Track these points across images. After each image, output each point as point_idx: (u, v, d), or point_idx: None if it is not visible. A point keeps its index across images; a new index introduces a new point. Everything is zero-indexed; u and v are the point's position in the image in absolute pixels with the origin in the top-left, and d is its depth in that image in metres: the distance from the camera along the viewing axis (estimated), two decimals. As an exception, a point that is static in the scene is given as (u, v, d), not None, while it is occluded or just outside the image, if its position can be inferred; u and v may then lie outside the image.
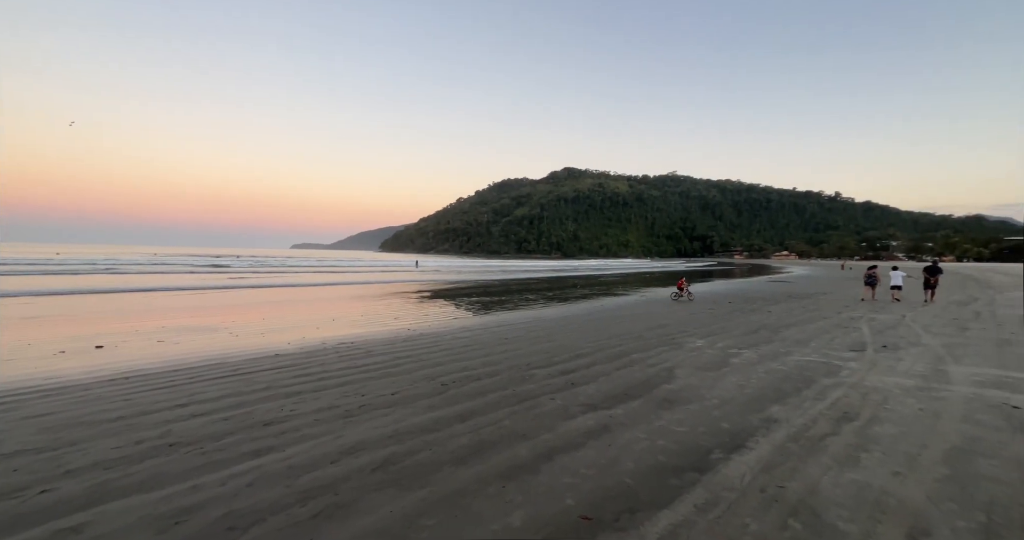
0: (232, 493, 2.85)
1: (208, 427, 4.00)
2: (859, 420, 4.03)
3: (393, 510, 2.64)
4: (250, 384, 5.42)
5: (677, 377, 5.57)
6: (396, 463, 3.25)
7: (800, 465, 3.14)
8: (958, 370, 5.80)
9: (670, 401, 4.62)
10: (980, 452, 3.34)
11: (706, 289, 22.88)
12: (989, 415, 4.13)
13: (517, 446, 3.52)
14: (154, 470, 3.17)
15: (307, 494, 2.83)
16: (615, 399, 4.70)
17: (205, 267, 38.51)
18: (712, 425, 3.93)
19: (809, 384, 5.21)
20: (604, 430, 3.84)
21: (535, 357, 6.79)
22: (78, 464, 3.27)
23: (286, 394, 4.99)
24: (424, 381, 5.48)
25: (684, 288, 16.10)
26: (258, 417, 4.26)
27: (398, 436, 3.75)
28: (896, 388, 5.02)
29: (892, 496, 2.73)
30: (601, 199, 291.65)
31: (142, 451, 3.49)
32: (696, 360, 6.51)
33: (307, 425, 4.03)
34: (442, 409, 4.43)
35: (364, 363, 6.49)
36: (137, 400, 4.81)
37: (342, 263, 57.60)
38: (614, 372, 5.85)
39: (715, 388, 5.07)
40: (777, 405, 4.47)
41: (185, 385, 5.42)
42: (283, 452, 3.46)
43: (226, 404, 4.66)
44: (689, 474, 3.03)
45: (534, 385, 5.26)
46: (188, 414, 4.35)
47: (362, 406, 4.55)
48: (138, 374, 6.00)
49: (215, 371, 6.11)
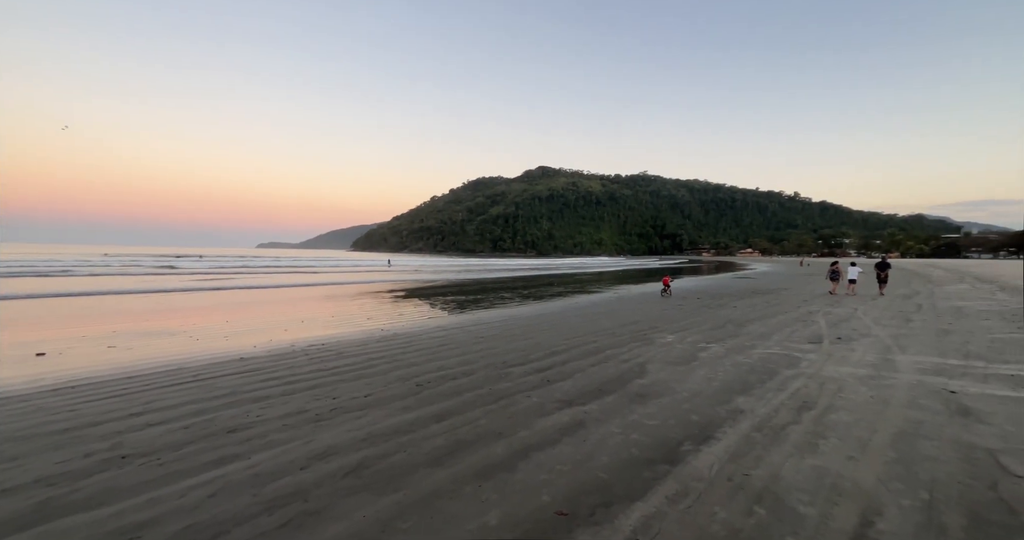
0: (193, 505, 2.70)
1: (165, 436, 3.78)
2: (817, 409, 4.26)
3: (366, 515, 2.58)
4: (212, 390, 5.16)
5: (649, 372, 5.71)
6: (369, 467, 3.18)
7: (764, 453, 3.29)
8: (903, 359, 6.23)
9: (643, 395, 4.73)
10: (923, 435, 3.60)
11: (676, 286, 23.59)
12: (930, 400, 4.46)
13: (493, 445, 3.52)
14: (104, 484, 2.96)
15: (275, 502, 2.72)
16: (590, 395, 4.77)
17: (162, 267, 36.36)
18: (682, 418, 4.06)
19: (772, 376, 5.46)
20: (579, 426, 3.89)
21: (511, 355, 6.80)
22: (17, 482, 3.01)
23: (252, 399, 4.78)
24: (398, 382, 5.38)
25: (669, 285, 17.38)
26: (221, 424, 4.06)
27: (371, 439, 3.66)
28: (850, 377, 5.35)
29: (847, 479, 2.90)
30: (575, 198, 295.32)
31: (90, 465, 3.26)
32: (667, 355, 6.70)
33: (275, 431, 3.87)
34: (417, 410, 4.36)
35: (336, 365, 6.31)
36: (85, 411, 4.48)
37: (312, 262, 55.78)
38: (589, 368, 5.94)
39: (685, 382, 5.24)
40: (743, 396, 4.66)
41: (140, 393, 5.10)
42: (248, 460, 3.31)
43: (186, 412, 4.41)
44: (661, 466, 3.11)
45: (510, 383, 5.27)
46: (143, 423, 4.10)
47: (333, 409, 4.42)
48: (86, 383, 5.59)
49: (173, 377, 5.78)
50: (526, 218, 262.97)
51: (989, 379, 5.16)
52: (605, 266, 64.84)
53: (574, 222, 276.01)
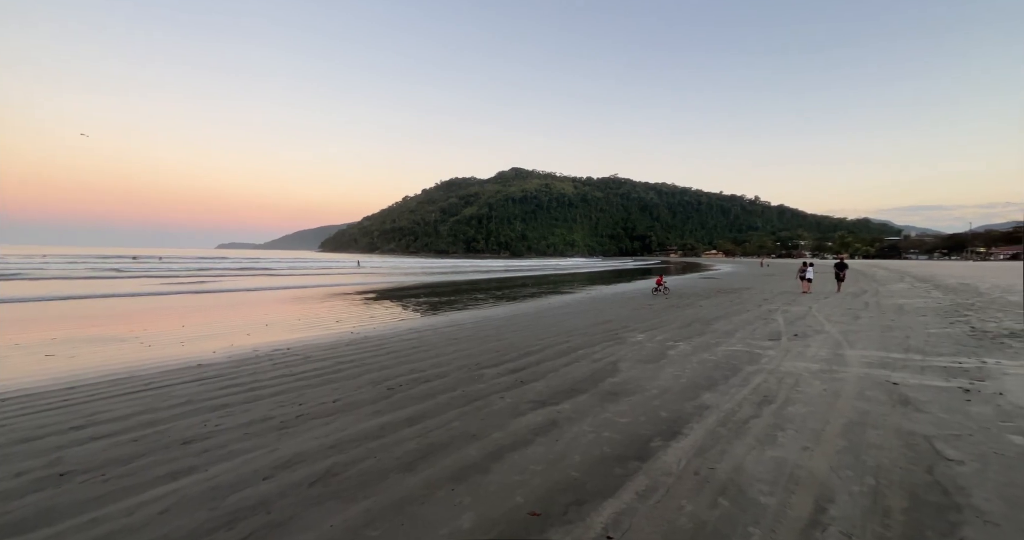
0: (141, 523, 2.52)
1: (111, 450, 3.52)
2: (776, 402, 4.47)
3: (334, 524, 2.49)
4: (166, 399, 4.85)
5: (620, 370, 5.83)
6: (338, 474, 3.07)
7: (728, 447, 3.42)
8: (852, 353, 6.66)
9: (614, 394, 4.82)
10: (869, 424, 3.86)
11: (646, 286, 24.25)
12: (876, 391, 4.78)
13: (467, 447, 3.48)
14: (40, 505, 2.72)
15: (235, 516, 2.58)
16: (562, 394, 4.82)
17: (109, 270, 33.89)
18: (652, 414, 4.16)
19: (735, 372, 5.70)
20: (552, 425, 3.92)
21: (485, 356, 6.77)
22: (-65, 507, 2.72)
23: (210, 408, 4.53)
24: (369, 386, 5.24)
25: (663, 284, 17.97)
26: (175, 435, 3.82)
27: (340, 446, 3.54)
28: (805, 372, 5.66)
29: (803, 469, 3.06)
30: (548, 199, 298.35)
31: (24, 484, 2.98)
32: (637, 353, 6.87)
33: (235, 440, 3.68)
34: (388, 414, 4.26)
35: (302, 370, 6.08)
36: (17, 425, 4.11)
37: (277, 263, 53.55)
38: (562, 368, 6.00)
39: (655, 379, 5.38)
40: (708, 392, 4.84)
41: (82, 404, 4.72)
42: (206, 472, 3.13)
43: (135, 423, 4.13)
44: (632, 463, 3.18)
45: (484, 385, 5.24)
46: (86, 437, 3.80)
47: (299, 416, 4.25)
48: (19, 394, 5.13)
49: (122, 386, 5.40)
50: (500, 219, 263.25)
51: (926, 371, 5.59)
52: (578, 267, 65.84)
53: (547, 223, 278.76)
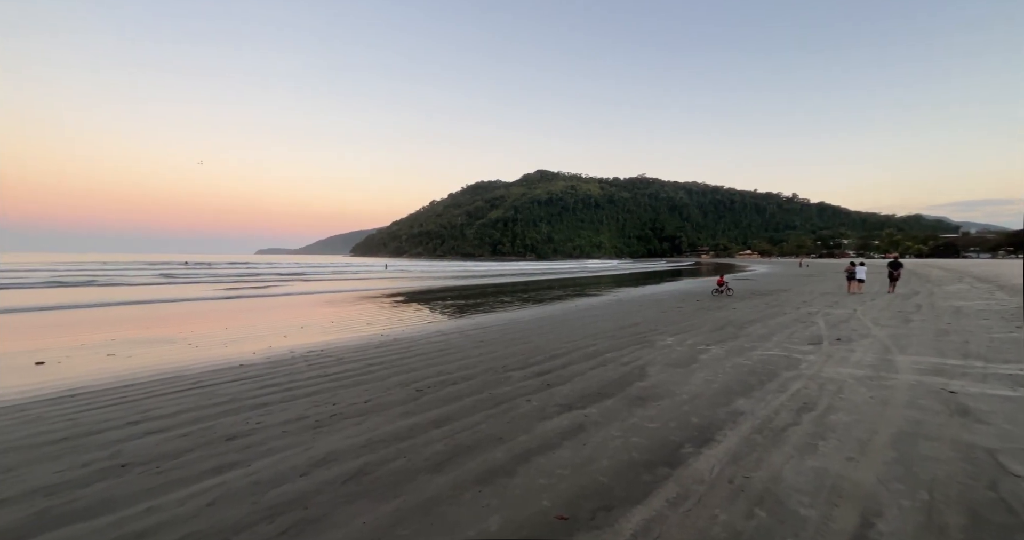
0: (192, 513, 2.69)
1: (164, 445, 3.77)
2: (817, 410, 4.25)
3: (366, 522, 2.57)
4: (212, 397, 5.15)
5: (649, 375, 5.71)
6: (369, 473, 3.17)
7: (764, 455, 3.29)
8: (903, 359, 6.23)
9: (643, 398, 4.73)
10: (922, 435, 3.60)
11: (674, 288, 23.61)
12: (930, 400, 4.46)
13: (493, 449, 3.51)
14: (103, 494, 2.95)
15: (275, 510, 2.71)
16: (589, 398, 4.77)
17: (161, 276, 36.32)
18: (682, 420, 4.05)
19: (772, 377, 5.46)
20: (579, 429, 3.89)
21: (511, 359, 6.80)
22: (14, 492, 3.00)
23: (251, 406, 4.77)
24: (398, 387, 5.37)
25: (724, 284, 17.65)
26: (221, 431, 4.05)
27: (371, 445, 3.65)
28: (849, 378, 5.35)
29: (847, 480, 2.90)
30: (574, 201, 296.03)
31: (89, 474, 3.25)
32: (667, 357, 6.70)
33: (274, 438, 3.87)
34: (417, 415, 4.36)
35: (335, 371, 6.30)
36: (83, 419, 4.47)
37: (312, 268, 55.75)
38: (588, 372, 5.93)
39: (685, 384, 5.24)
40: (743, 398, 4.66)
41: (139, 401, 5.09)
42: (248, 467, 3.30)
43: (185, 419, 4.40)
44: (661, 469, 3.11)
45: (510, 387, 5.26)
46: (142, 432, 4.09)
47: (333, 416, 4.41)
48: (85, 391, 5.58)
49: (172, 385, 5.77)
50: (525, 222, 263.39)
51: (988, 379, 5.16)
52: (604, 269, 64.92)
53: (573, 225, 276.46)
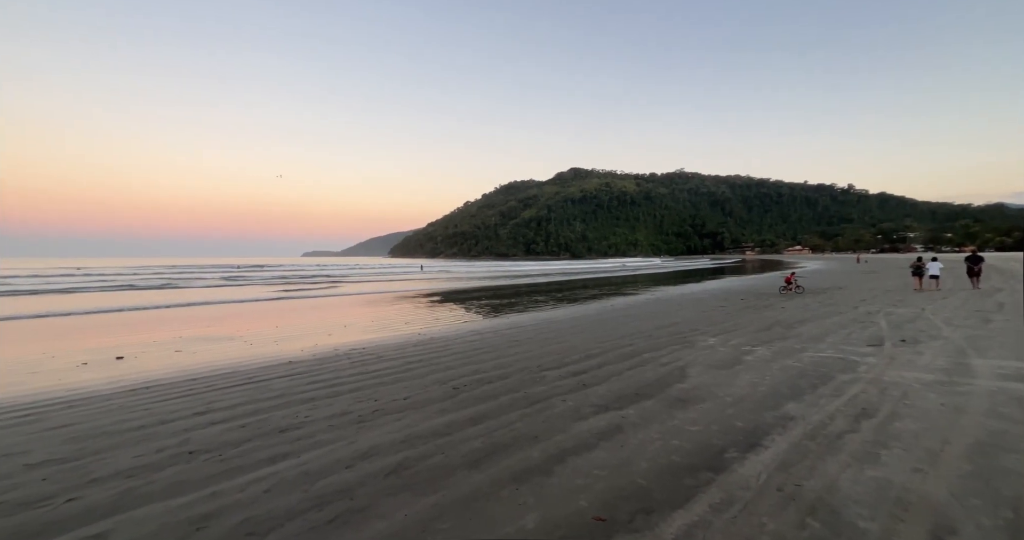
0: (250, 499, 2.90)
1: (226, 434, 4.08)
2: (878, 416, 3.94)
3: (408, 514, 2.66)
4: (265, 391, 5.51)
5: (689, 376, 5.52)
6: (409, 467, 3.28)
7: (818, 463, 3.09)
8: (981, 363, 5.64)
9: (683, 400, 4.57)
10: (1005, 447, 3.25)
11: (716, 286, 22.61)
12: (1014, 408, 4.01)
13: (529, 448, 3.52)
14: (175, 478, 3.24)
15: (323, 499, 2.86)
16: (627, 399, 4.68)
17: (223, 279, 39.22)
18: (726, 424, 3.89)
19: (825, 381, 5.12)
20: (616, 430, 3.83)
21: (546, 359, 6.79)
22: (102, 473, 3.36)
23: (300, 401, 5.06)
24: (435, 385, 5.51)
25: (793, 281, 16.75)
26: (274, 424, 4.32)
27: (411, 441, 3.77)
28: (916, 383, 4.91)
29: (914, 493, 2.67)
30: (608, 198, 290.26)
31: (163, 459, 3.57)
32: (708, 358, 6.44)
33: (321, 431, 4.08)
34: (454, 413, 4.45)
35: (376, 368, 6.55)
36: (157, 409, 4.92)
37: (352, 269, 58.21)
38: (625, 372, 5.82)
39: (729, 386, 5.01)
40: (793, 402, 4.40)
41: (203, 393, 5.53)
42: (299, 458, 3.51)
43: (242, 411, 4.74)
44: (704, 473, 3.00)
45: (545, 387, 5.26)
46: (206, 422, 4.44)
47: (375, 411, 4.59)
48: (157, 384, 6.14)
49: (231, 379, 6.23)
50: (559, 220, 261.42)
51: (1088, 386, 4.57)
52: (641, 268, 63.25)
53: (608, 223, 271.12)
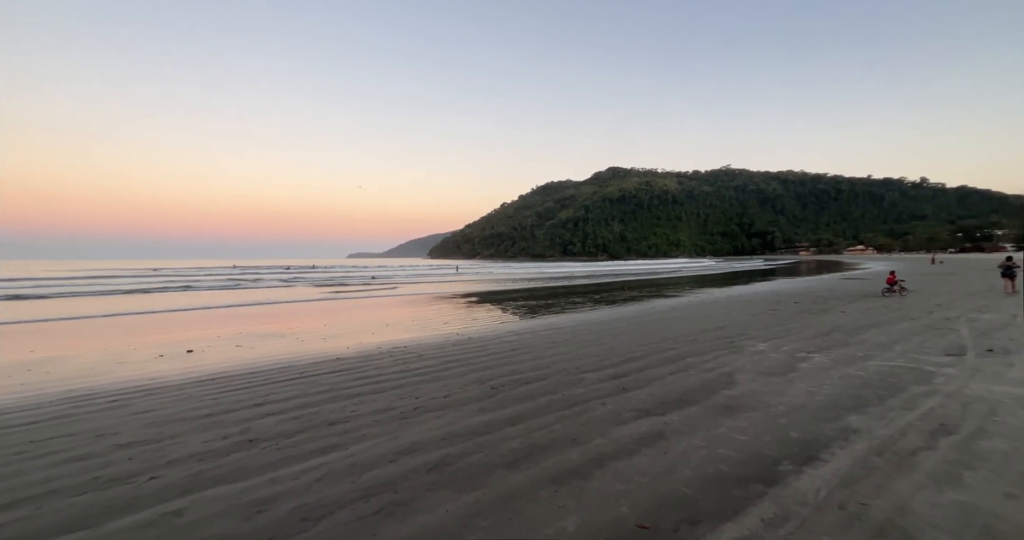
0: (304, 487, 3.08)
1: (281, 425, 4.36)
2: (960, 433, 3.55)
3: (449, 510, 2.72)
4: (315, 386, 5.83)
5: (737, 382, 5.24)
6: (450, 464, 3.35)
7: (887, 481, 2.83)
8: (1089, 377, 4.93)
9: (730, 408, 4.35)
10: (1123, 474, 2.82)
11: (766, 289, 21.32)
12: None
13: (568, 451, 3.49)
14: (238, 463, 3.51)
15: (369, 491, 2.99)
16: (670, 405, 4.52)
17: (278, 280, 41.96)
18: (779, 434, 3.65)
19: (895, 392, 4.68)
20: (659, 436, 3.71)
21: (584, 361, 6.69)
22: (177, 455, 3.70)
23: (347, 396, 5.31)
24: (474, 384, 5.59)
25: (896, 281, 15.49)
26: (323, 417, 4.57)
27: (451, 438, 3.85)
28: (1007, 398, 4.37)
29: (1007, 521, 2.38)
30: (648, 198, 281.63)
31: (227, 446, 3.88)
32: (758, 364, 6.09)
33: (367, 425, 4.26)
34: (492, 412, 4.50)
35: (417, 367, 6.75)
36: (222, 399, 5.35)
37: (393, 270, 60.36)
38: (668, 377, 5.62)
39: (781, 395, 4.71)
40: (856, 414, 4.06)
41: (260, 386, 5.94)
42: (347, 450, 3.68)
43: (295, 404, 5.05)
44: (754, 486, 2.84)
45: (584, 389, 5.19)
46: (264, 413, 4.77)
47: (416, 408, 4.73)
48: (222, 376, 6.66)
49: (285, 374, 6.64)
50: (596, 221, 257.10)
51: None
52: (684, 269, 60.89)
53: (648, 223, 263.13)
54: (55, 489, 3.17)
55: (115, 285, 30.80)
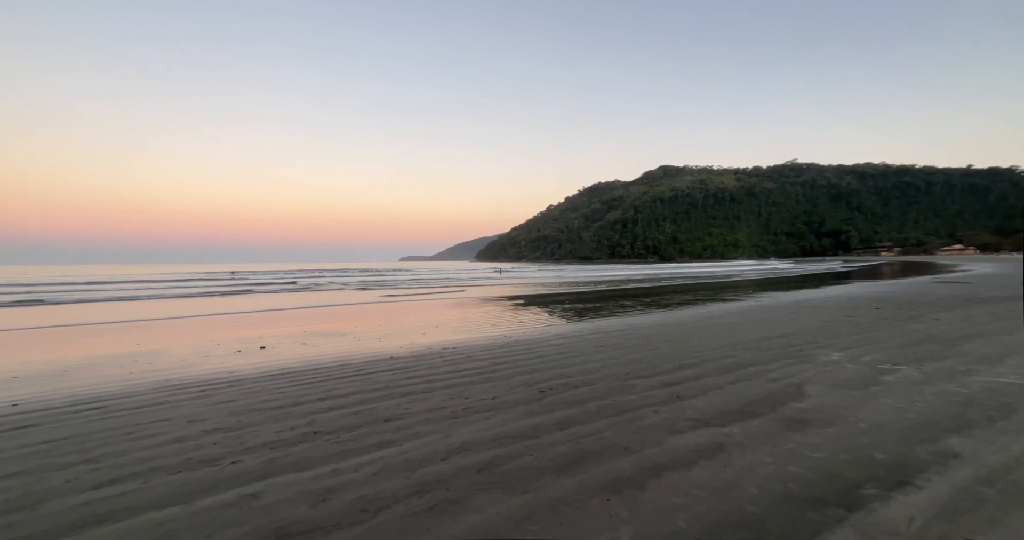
0: (363, 479, 3.24)
1: (341, 419, 4.63)
2: (1096, 465, 3.00)
3: (499, 511, 2.74)
4: (371, 383, 6.13)
5: (808, 395, 4.80)
6: (499, 466, 3.37)
7: (1000, 516, 2.45)
8: None
9: (800, 422, 3.99)
10: None
11: (840, 293, 19.39)
12: None
13: (620, 459, 3.39)
14: (304, 453, 3.77)
15: (423, 487, 3.09)
16: (730, 416, 4.23)
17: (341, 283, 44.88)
18: (860, 453, 3.29)
19: (1007, 413, 4.05)
20: (718, 449, 3.48)
21: (635, 366, 6.47)
22: (253, 443, 4.05)
23: (401, 394, 5.53)
24: (522, 387, 5.60)
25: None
26: (380, 413, 4.79)
27: (500, 440, 3.88)
28: None
29: None
30: (703, 196, 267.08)
31: (295, 436, 4.19)
32: (833, 376, 5.54)
33: (419, 423, 4.41)
34: (541, 416, 4.47)
35: (465, 367, 6.88)
36: (289, 393, 5.79)
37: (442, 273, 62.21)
38: (727, 386, 5.28)
39: (861, 410, 4.25)
40: (957, 436, 3.56)
41: (322, 382, 6.36)
42: (401, 446, 3.83)
43: (354, 400, 5.34)
44: (832, 509, 2.58)
45: (635, 396, 5.01)
46: (326, 407, 5.09)
47: (466, 408, 4.82)
48: (290, 371, 7.22)
49: (343, 371, 7.06)
50: (646, 222, 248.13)
51: None
52: (744, 272, 57.06)
53: (702, 223, 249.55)
54: (157, 467, 3.59)
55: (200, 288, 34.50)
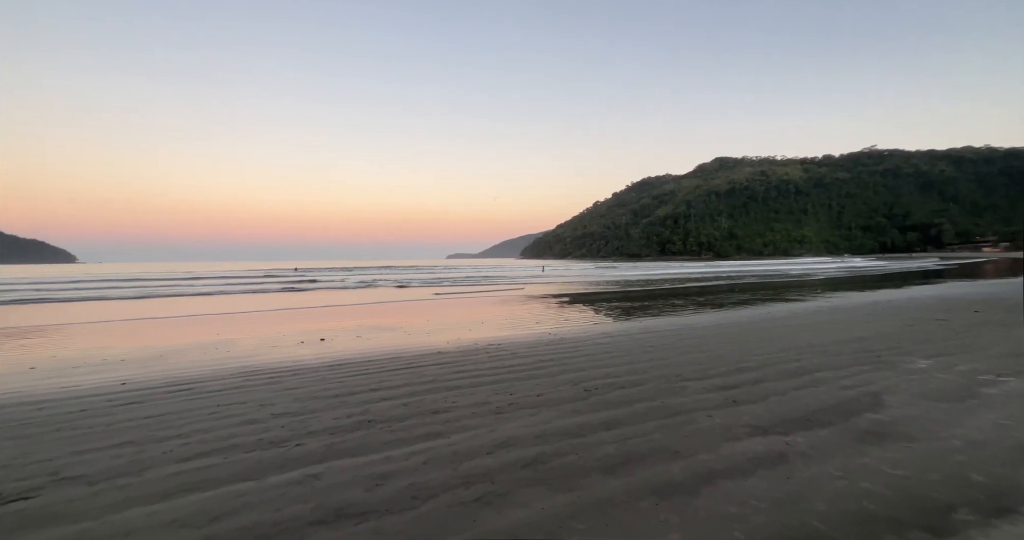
0: (413, 468, 3.39)
1: (393, 410, 4.86)
2: None
3: (544, 508, 2.75)
4: (420, 376, 6.37)
5: (887, 405, 4.34)
6: (544, 462, 3.38)
7: None
8: None
9: (878, 434, 3.62)
10: None
11: (928, 293, 17.27)
12: None
13: (669, 462, 3.27)
14: (360, 440, 4.01)
15: (469, 479, 3.17)
16: (793, 424, 3.93)
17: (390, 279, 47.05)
18: (952, 473, 2.93)
19: None
20: (779, 459, 3.25)
21: (686, 368, 6.19)
22: (315, 427, 4.37)
23: (448, 387, 5.70)
24: (567, 385, 5.56)
25: None
26: (428, 405, 4.97)
27: (545, 437, 3.88)
28: None
29: None
30: (764, 189, 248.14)
31: (352, 423, 4.46)
32: (919, 386, 4.96)
33: (466, 417, 4.52)
34: (586, 415, 4.42)
35: (511, 364, 6.95)
36: (346, 383, 6.17)
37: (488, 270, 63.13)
38: (790, 392, 4.90)
39: (955, 425, 3.77)
40: (1079, 461, 3.06)
41: (375, 373, 6.70)
42: (448, 438, 3.95)
43: (404, 392, 5.58)
44: (915, 532, 2.32)
45: (686, 399, 4.80)
46: (379, 397, 5.37)
47: (511, 404, 4.87)
48: (346, 362, 7.69)
49: (394, 364, 7.39)
50: (700, 217, 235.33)
51: None
52: (813, 270, 52.56)
53: (763, 218, 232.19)
54: (235, 445, 3.99)
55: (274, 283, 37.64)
